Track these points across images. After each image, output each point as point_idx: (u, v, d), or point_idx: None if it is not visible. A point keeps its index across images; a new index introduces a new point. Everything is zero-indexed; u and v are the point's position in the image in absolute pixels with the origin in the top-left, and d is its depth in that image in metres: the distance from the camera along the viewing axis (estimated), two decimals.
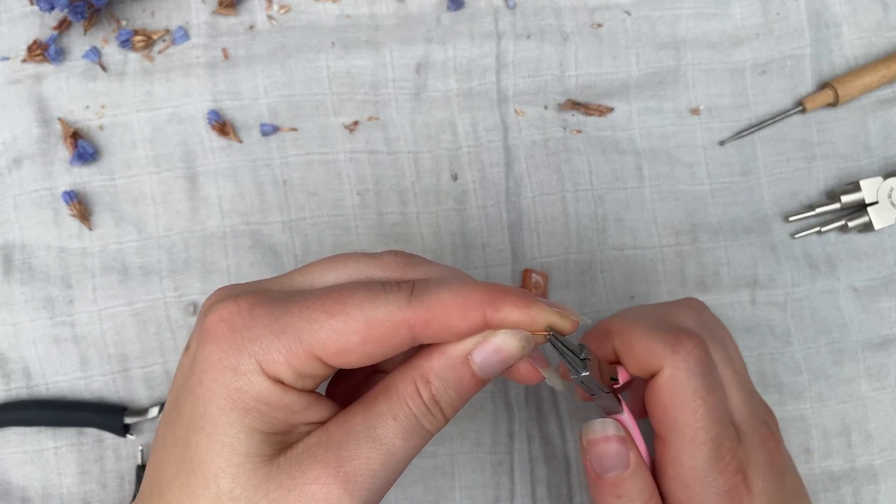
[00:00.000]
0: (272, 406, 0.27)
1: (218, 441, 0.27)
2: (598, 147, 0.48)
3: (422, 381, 0.29)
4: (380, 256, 0.31)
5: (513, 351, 0.29)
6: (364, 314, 0.27)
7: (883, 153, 0.50)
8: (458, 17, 0.49)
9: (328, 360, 0.27)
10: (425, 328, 0.28)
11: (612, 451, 0.34)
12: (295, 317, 0.27)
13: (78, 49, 0.47)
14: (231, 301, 0.28)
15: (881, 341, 0.48)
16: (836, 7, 0.50)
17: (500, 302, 0.28)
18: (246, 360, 0.27)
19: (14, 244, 0.46)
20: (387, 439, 0.28)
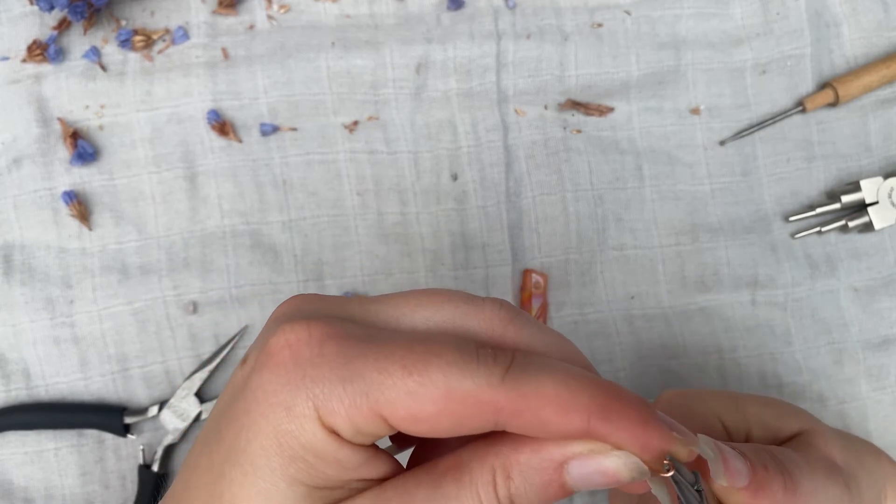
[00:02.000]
0: (322, 459, 0.24)
1: (254, 484, 0.24)
2: (598, 147, 0.48)
3: (502, 474, 0.24)
4: (482, 304, 0.26)
5: (621, 479, 0.24)
6: (447, 382, 0.23)
7: (883, 153, 0.49)
8: (458, 17, 0.49)
9: (394, 423, 0.24)
10: (514, 417, 0.23)
11: (730, 450, 0.29)
12: (369, 365, 0.23)
13: (78, 49, 0.47)
14: (303, 326, 0.25)
15: (881, 341, 0.48)
16: (837, 7, 0.50)
17: (613, 414, 0.23)
18: (302, 401, 0.24)
19: (14, 244, 0.46)
20: None
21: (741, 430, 0.34)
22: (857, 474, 0.33)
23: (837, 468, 0.32)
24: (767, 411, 0.35)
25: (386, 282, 0.47)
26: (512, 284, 0.47)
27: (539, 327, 0.27)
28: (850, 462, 0.33)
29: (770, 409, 0.35)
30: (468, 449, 0.25)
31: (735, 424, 0.34)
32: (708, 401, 0.34)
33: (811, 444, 0.33)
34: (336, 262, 0.47)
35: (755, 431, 0.34)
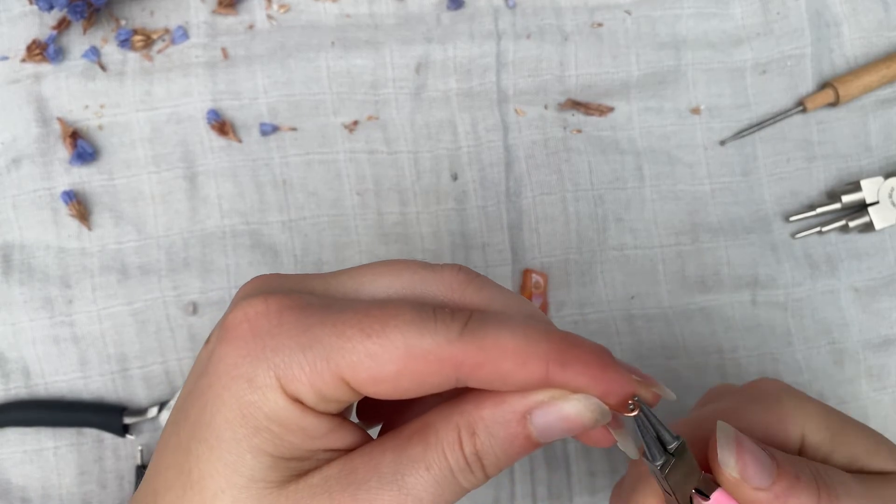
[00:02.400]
0: (287, 428, 0.24)
1: (220, 458, 0.24)
2: (598, 147, 0.48)
3: (467, 431, 0.24)
4: (440, 270, 0.27)
5: (583, 422, 0.24)
6: (406, 341, 0.23)
7: (883, 153, 0.49)
8: (458, 17, 0.49)
9: (357, 386, 0.24)
10: (474, 371, 0.24)
11: (755, 448, 0.28)
12: (327, 331, 0.24)
13: (77, 49, 0.47)
14: (260, 299, 0.25)
15: (882, 341, 0.48)
16: (837, 7, 0.50)
17: (571, 359, 0.24)
18: (263, 371, 0.24)
19: (13, 244, 0.46)
20: (414, 490, 0.24)
21: (821, 452, 0.32)
22: None
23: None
24: (862, 442, 0.32)
25: None
26: (512, 284, 0.47)
27: (498, 288, 0.27)
28: None
29: (865, 441, 0.32)
30: (433, 412, 0.25)
31: (816, 444, 0.32)
32: (801, 406, 0.32)
33: (888, 484, 0.30)
34: (336, 262, 0.47)
35: (837, 458, 0.31)
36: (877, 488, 0.30)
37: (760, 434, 0.31)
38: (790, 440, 0.31)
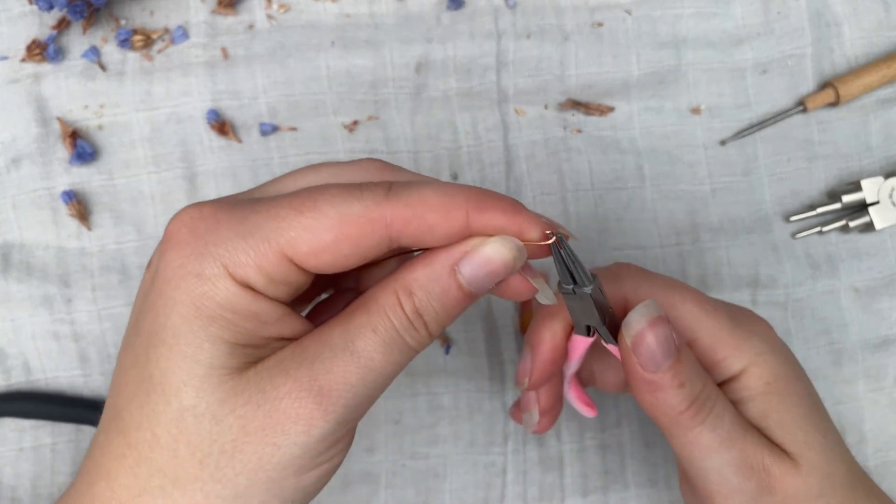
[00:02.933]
0: (240, 314, 0.25)
1: (180, 352, 0.25)
2: (598, 147, 0.48)
3: (404, 293, 0.26)
4: (356, 162, 0.29)
5: (504, 261, 0.27)
6: (337, 210, 0.25)
7: (884, 153, 0.49)
8: (458, 17, 0.48)
9: (300, 261, 0.25)
10: (404, 227, 0.26)
11: (664, 336, 0.30)
12: (261, 216, 0.25)
13: (77, 48, 0.47)
14: (193, 208, 0.26)
15: (881, 342, 0.48)
16: (838, 6, 0.50)
17: (486, 204, 0.26)
18: (210, 263, 0.25)
19: (13, 244, 0.46)
20: (365, 352, 0.26)
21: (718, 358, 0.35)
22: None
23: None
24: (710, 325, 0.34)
25: None
26: None
27: (413, 172, 0.29)
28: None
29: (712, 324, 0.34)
30: (371, 289, 0.27)
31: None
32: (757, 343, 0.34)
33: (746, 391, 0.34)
34: None
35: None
36: (748, 437, 0.32)
37: (704, 338, 0.34)
38: (724, 365, 0.34)
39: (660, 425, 0.32)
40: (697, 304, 0.34)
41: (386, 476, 0.46)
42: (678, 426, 0.32)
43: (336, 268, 0.26)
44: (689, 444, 0.32)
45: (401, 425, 0.46)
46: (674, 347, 0.31)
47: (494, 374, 0.47)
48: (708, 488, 0.33)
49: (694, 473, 0.33)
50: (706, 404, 0.31)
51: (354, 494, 0.46)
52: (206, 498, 0.26)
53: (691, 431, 0.31)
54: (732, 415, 0.32)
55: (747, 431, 0.33)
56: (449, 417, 0.47)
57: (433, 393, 0.47)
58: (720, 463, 0.32)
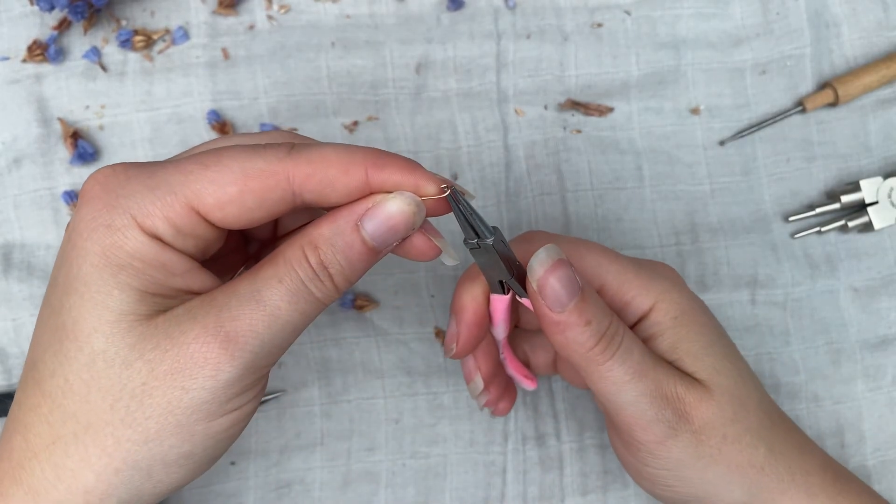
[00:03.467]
0: (149, 263, 0.26)
1: (90, 299, 0.26)
2: (598, 147, 0.48)
3: (310, 247, 0.28)
4: (265, 133, 0.31)
5: (404, 217, 0.28)
6: (240, 164, 0.27)
7: (883, 153, 0.49)
8: (458, 17, 0.49)
9: (206, 213, 0.27)
10: (306, 181, 0.27)
11: (567, 276, 0.32)
12: (169, 171, 0.27)
13: (78, 49, 0.47)
14: (108, 167, 0.27)
15: (880, 341, 0.48)
16: (837, 7, 0.50)
17: (384, 162, 0.28)
18: (120, 215, 0.26)
19: (13, 244, 0.46)
20: (271, 301, 0.27)
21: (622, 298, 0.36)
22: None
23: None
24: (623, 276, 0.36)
25: (386, 282, 0.47)
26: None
27: (317, 142, 0.30)
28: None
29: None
30: (280, 246, 0.28)
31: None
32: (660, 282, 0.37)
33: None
34: None
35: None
36: (659, 369, 0.34)
37: (612, 282, 0.36)
38: (633, 305, 0.36)
39: (574, 365, 0.33)
40: (602, 253, 0.36)
41: (386, 475, 0.46)
42: (589, 363, 0.33)
43: (242, 222, 0.27)
44: (602, 380, 0.33)
45: (401, 425, 0.47)
46: (577, 286, 0.32)
47: None
48: (627, 422, 0.34)
49: (612, 410, 0.34)
50: (614, 339, 0.33)
51: (355, 493, 0.46)
52: (116, 442, 0.26)
53: (602, 367, 0.32)
54: (641, 349, 0.34)
55: (658, 363, 0.34)
56: (449, 417, 0.47)
57: (433, 392, 0.47)
58: (634, 395, 0.33)
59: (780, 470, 0.35)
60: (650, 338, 0.36)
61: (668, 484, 0.35)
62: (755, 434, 0.35)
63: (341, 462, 0.46)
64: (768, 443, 0.35)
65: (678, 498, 0.36)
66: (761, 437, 0.35)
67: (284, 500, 0.46)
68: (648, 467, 0.35)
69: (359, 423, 0.46)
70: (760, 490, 0.35)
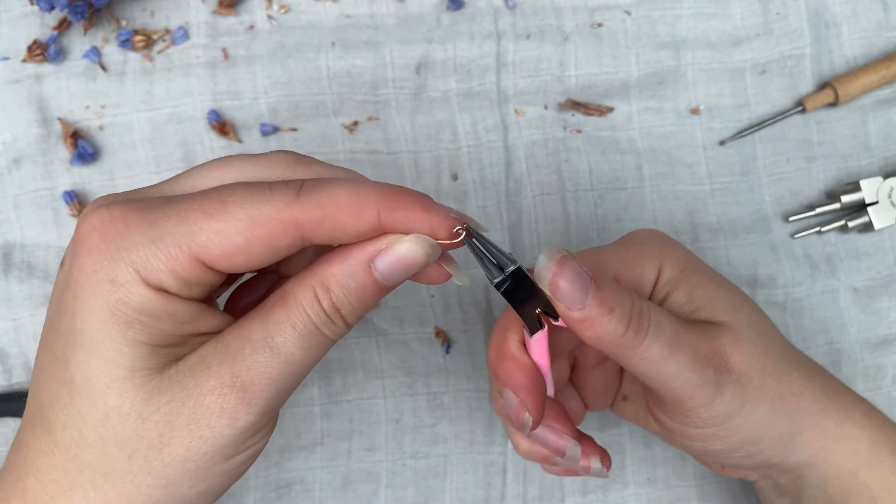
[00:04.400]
0: (156, 317, 0.26)
1: (100, 357, 0.26)
2: (598, 147, 0.48)
3: (321, 289, 0.27)
4: (268, 156, 0.29)
5: (417, 259, 0.27)
6: (247, 212, 0.25)
7: (883, 153, 0.49)
8: (458, 17, 0.49)
9: (212, 263, 0.26)
10: (316, 227, 0.26)
11: (574, 271, 0.30)
12: (172, 220, 0.26)
13: (78, 49, 0.47)
14: (103, 210, 0.26)
15: (880, 341, 0.48)
16: (836, 7, 0.50)
17: (397, 203, 0.27)
18: (123, 269, 0.25)
19: (14, 244, 0.46)
20: (285, 348, 0.26)
21: (666, 289, 0.36)
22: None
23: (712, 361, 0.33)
24: (704, 288, 0.35)
25: None
26: None
27: (327, 165, 0.29)
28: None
29: (707, 288, 0.36)
30: (289, 283, 0.28)
31: (665, 281, 0.36)
32: (663, 247, 0.36)
33: (704, 332, 0.34)
34: None
35: (677, 296, 0.36)
36: (690, 333, 0.33)
37: (617, 269, 0.35)
38: (645, 277, 0.35)
39: (610, 355, 0.32)
40: (599, 251, 0.36)
41: (386, 475, 0.46)
42: (626, 349, 0.31)
43: (249, 267, 0.27)
44: (642, 362, 0.32)
45: (401, 424, 0.47)
46: (588, 278, 0.31)
47: None
48: (674, 394, 0.33)
49: (656, 386, 0.33)
50: (643, 318, 0.32)
51: (355, 493, 0.46)
52: (137, 488, 0.26)
53: (639, 349, 0.31)
54: (669, 318, 0.33)
55: (688, 326, 0.33)
56: (449, 417, 0.47)
57: (433, 393, 0.47)
58: (676, 367, 0.32)
59: (816, 392, 0.35)
60: (666, 297, 0.35)
61: (719, 436, 0.35)
62: (787, 361, 0.35)
63: (341, 462, 0.46)
64: (798, 367, 0.35)
65: (729, 448, 0.35)
66: (792, 363, 0.35)
67: (284, 500, 0.46)
68: (698, 429, 0.34)
69: (359, 423, 0.46)
70: (803, 416, 0.35)
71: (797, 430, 0.35)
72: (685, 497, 0.47)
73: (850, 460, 0.35)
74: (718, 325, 0.34)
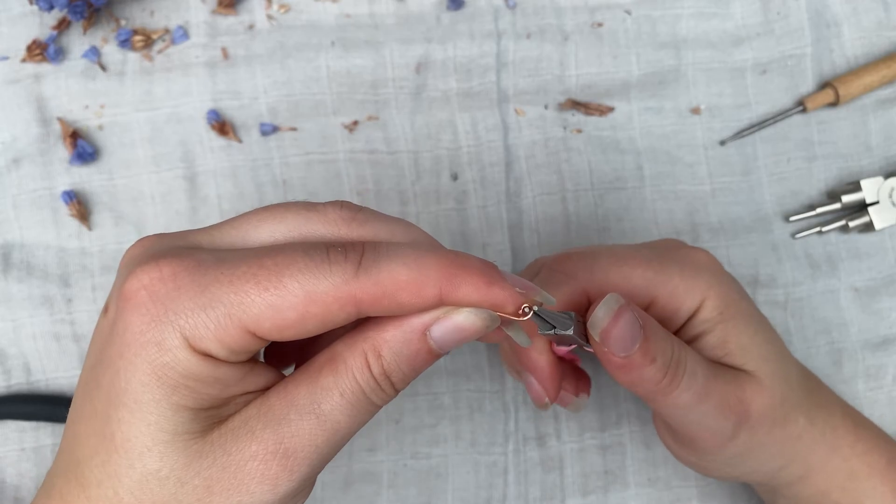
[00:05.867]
0: (202, 382, 0.25)
1: (142, 419, 0.25)
2: (598, 147, 0.48)
3: (373, 355, 0.26)
4: (322, 209, 0.27)
5: (476, 330, 0.26)
6: (303, 288, 0.24)
7: (884, 153, 0.49)
8: (458, 17, 0.48)
9: (262, 335, 0.25)
10: (373, 305, 0.25)
11: (629, 322, 0.31)
12: (224, 289, 0.24)
13: (77, 49, 0.47)
14: (153, 266, 0.25)
15: (881, 341, 0.48)
16: (837, 6, 0.50)
17: (460, 280, 0.25)
18: (171, 334, 0.24)
19: (13, 243, 0.46)
20: (331, 416, 0.26)
21: (702, 327, 0.36)
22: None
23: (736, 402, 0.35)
24: (740, 334, 0.36)
25: None
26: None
27: (383, 218, 0.28)
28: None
29: (744, 334, 0.36)
30: (339, 343, 0.27)
31: (703, 319, 0.36)
32: (711, 281, 0.36)
33: (733, 381, 0.35)
34: None
35: (711, 339, 0.36)
36: (719, 381, 0.34)
37: (661, 293, 0.35)
38: (683, 308, 0.36)
39: (639, 396, 0.33)
40: (647, 266, 0.36)
41: (388, 476, 0.46)
42: (656, 394, 0.33)
43: (300, 338, 0.26)
44: (669, 407, 0.33)
45: (401, 425, 0.46)
46: (639, 330, 0.31)
47: (494, 374, 0.47)
48: (691, 436, 0.35)
49: (676, 427, 0.35)
50: (679, 368, 0.32)
51: (356, 494, 0.46)
52: None
53: (670, 396, 0.33)
54: (704, 367, 0.34)
55: (717, 374, 0.34)
56: (450, 417, 0.47)
57: (433, 393, 0.47)
58: (700, 414, 0.34)
59: (815, 435, 0.38)
60: (699, 336, 0.36)
61: (720, 468, 0.38)
62: (797, 408, 0.37)
63: (342, 462, 0.46)
64: (806, 412, 0.38)
65: (726, 475, 0.39)
66: (801, 409, 0.37)
67: None
68: (704, 462, 0.38)
69: None
70: (795, 454, 0.38)
71: (788, 462, 0.38)
72: (686, 497, 0.47)
73: (826, 483, 0.39)
74: (746, 374, 0.36)
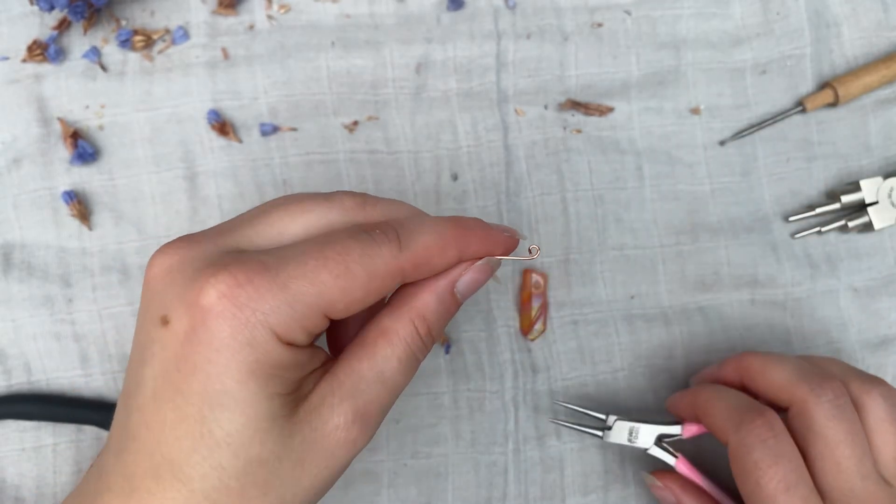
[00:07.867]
0: (288, 368, 0.29)
1: (242, 413, 0.28)
2: (598, 147, 0.48)
3: (420, 321, 0.32)
4: (336, 199, 0.32)
5: (487, 277, 0.33)
6: (365, 269, 0.29)
7: (883, 153, 0.50)
8: (458, 17, 0.49)
9: (335, 315, 0.29)
10: (414, 271, 0.31)
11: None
12: (300, 282, 0.28)
13: (78, 49, 0.47)
14: (226, 275, 0.28)
15: (880, 341, 0.48)
16: (837, 7, 0.50)
17: (468, 238, 0.32)
18: (261, 332, 0.28)
19: (13, 244, 0.46)
20: (393, 379, 0.31)
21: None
22: None
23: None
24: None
25: None
26: (512, 284, 0.47)
27: (384, 201, 0.33)
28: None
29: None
30: (383, 317, 0.32)
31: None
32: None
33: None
34: None
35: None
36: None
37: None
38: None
39: None
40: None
41: (388, 475, 0.46)
42: None
43: (358, 310, 0.30)
44: None
45: (401, 425, 0.47)
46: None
47: (494, 374, 0.47)
48: None
49: None
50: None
51: (357, 493, 0.46)
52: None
53: None
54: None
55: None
56: (449, 417, 0.47)
57: (433, 393, 0.47)
58: None
59: None
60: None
61: None
62: None
63: None
64: None
65: None
66: None
67: None
68: None
69: None
70: None
71: None
72: None
73: None
74: None
